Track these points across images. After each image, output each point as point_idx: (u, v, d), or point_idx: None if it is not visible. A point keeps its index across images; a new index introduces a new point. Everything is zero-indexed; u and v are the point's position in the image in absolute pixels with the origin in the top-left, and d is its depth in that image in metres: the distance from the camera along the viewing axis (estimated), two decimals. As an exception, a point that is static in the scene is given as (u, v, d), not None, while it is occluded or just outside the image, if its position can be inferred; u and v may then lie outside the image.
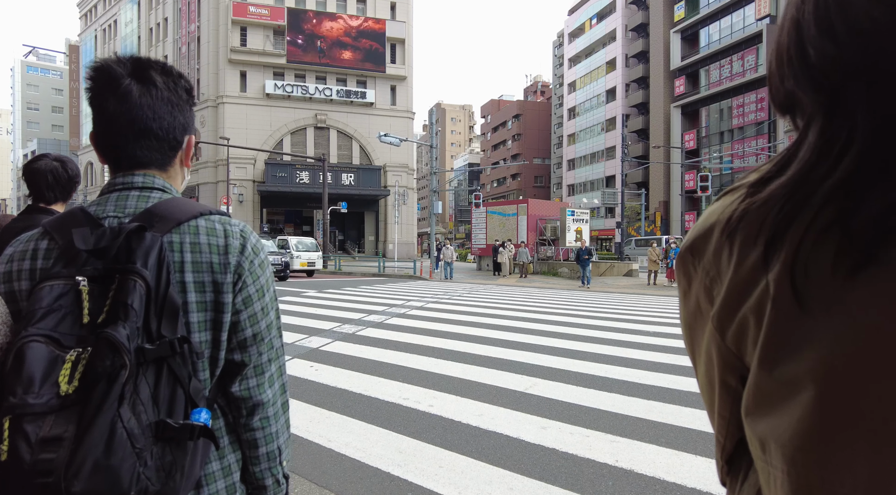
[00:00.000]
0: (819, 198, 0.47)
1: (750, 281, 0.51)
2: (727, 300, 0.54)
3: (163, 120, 0.96)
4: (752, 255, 0.51)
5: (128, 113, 0.93)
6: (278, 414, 1.01)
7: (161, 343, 0.81)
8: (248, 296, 0.95)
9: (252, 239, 0.99)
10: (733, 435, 0.61)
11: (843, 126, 0.48)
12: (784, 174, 0.51)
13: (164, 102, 0.96)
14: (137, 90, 0.94)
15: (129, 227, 0.85)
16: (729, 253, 0.54)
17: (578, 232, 25.00)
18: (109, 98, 0.93)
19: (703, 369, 0.62)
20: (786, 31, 0.52)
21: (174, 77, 1.00)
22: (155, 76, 0.96)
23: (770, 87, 0.57)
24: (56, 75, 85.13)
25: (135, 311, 0.79)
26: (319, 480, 3.22)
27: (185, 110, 1.01)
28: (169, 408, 0.81)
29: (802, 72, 0.50)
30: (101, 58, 0.97)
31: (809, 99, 0.51)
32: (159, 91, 0.96)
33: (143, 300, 0.80)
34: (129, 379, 0.76)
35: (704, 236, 0.57)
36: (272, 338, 1.00)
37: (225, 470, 0.97)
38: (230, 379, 0.96)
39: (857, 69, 0.46)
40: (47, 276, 0.85)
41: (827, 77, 0.49)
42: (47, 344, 0.77)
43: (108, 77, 0.93)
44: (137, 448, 0.75)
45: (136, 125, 0.94)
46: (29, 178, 1.88)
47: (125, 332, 0.76)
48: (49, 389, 0.74)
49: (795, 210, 0.49)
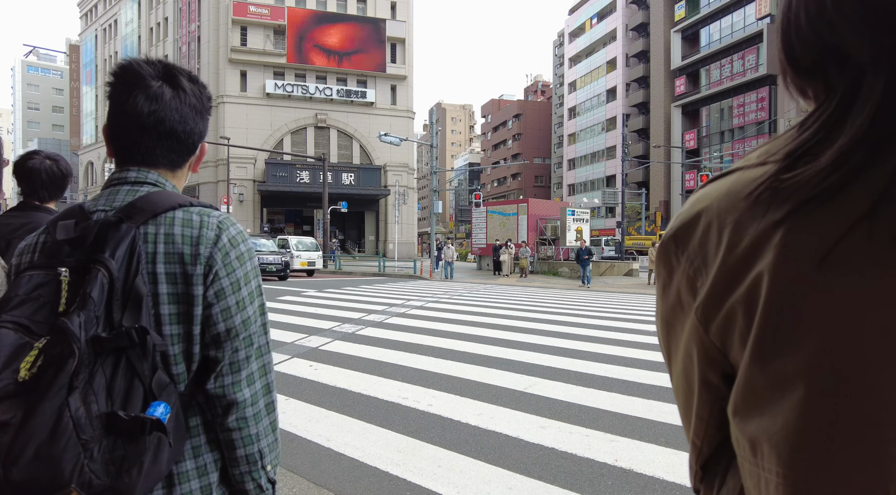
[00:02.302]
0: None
1: (740, 269, 0.48)
2: (713, 290, 0.51)
3: (187, 124, 1.00)
4: (747, 239, 0.48)
5: (158, 113, 0.95)
6: (259, 416, 0.96)
7: (118, 333, 0.79)
8: (220, 290, 0.92)
9: (231, 230, 0.96)
10: (712, 438, 0.57)
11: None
12: (826, 145, 0.46)
13: (191, 108, 1.00)
14: (170, 93, 0.97)
15: (107, 219, 0.87)
16: (717, 240, 0.50)
17: (579, 231, 24.99)
18: (139, 96, 0.94)
19: (679, 368, 0.59)
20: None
21: (200, 86, 1.04)
22: (184, 82, 1.00)
23: (792, 47, 0.51)
24: (56, 75, 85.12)
25: (93, 300, 0.78)
26: (318, 479, 3.21)
27: (206, 118, 1.05)
28: (124, 401, 0.79)
29: (867, 10, 0.45)
30: (128, 57, 1.00)
31: (868, 48, 0.45)
32: (188, 96, 0.99)
33: (103, 290, 0.80)
34: (83, 368, 0.75)
35: (689, 224, 0.54)
36: (251, 335, 0.95)
37: (200, 469, 0.93)
38: (206, 375, 0.93)
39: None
40: (28, 267, 0.87)
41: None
42: (16, 330, 0.78)
43: (138, 75, 0.95)
44: (83, 439, 0.73)
45: (164, 126, 0.97)
46: (23, 176, 1.86)
47: (78, 320, 0.76)
48: (9, 375, 0.74)
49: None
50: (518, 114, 72.71)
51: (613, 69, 54.53)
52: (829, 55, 0.49)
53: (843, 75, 0.48)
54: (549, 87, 79.20)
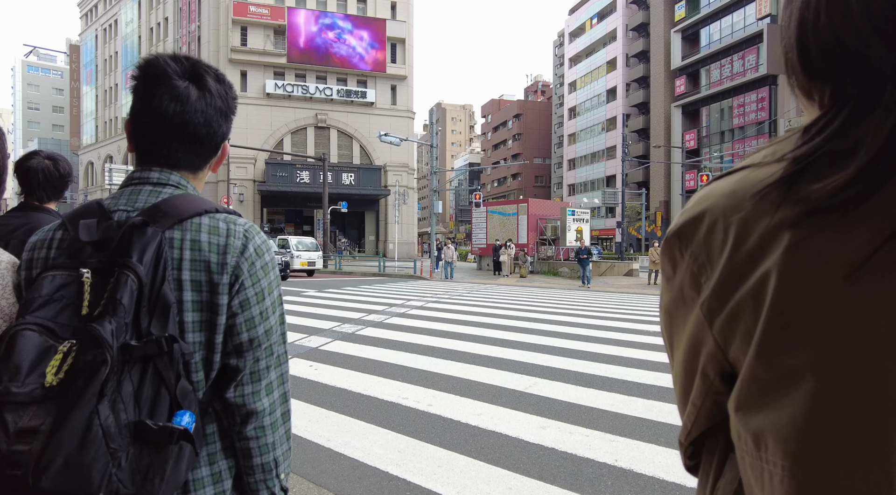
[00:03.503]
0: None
1: (747, 266, 0.49)
2: (719, 286, 0.52)
3: (211, 126, 0.97)
4: (754, 237, 0.49)
5: (183, 115, 0.93)
6: (276, 425, 0.96)
7: (147, 341, 0.78)
8: (245, 299, 0.91)
9: (256, 240, 0.94)
10: (700, 424, 0.60)
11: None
12: (838, 156, 0.46)
13: (216, 110, 0.97)
14: (195, 94, 0.94)
15: (132, 221, 0.85)
16: (723, 237, 0.51)
17: (579, 231, 24.99)
18: (164, 96, 0.92)
19: (681, 357, 0.60)
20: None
21: (226, 86, 1.00)
22: (210, 82, 0.96)
23: (806, 48, 0.50)
24: (57, 75, 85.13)
25: (123, 307, 0.77)
26: (318, 480, 3.21)
27: (230, 120, 1.02)
28: (151, 409, 0.78)
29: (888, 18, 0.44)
30: (156, 53, 0.97)
31: (894, 60, 0.44)
32: (214, 98, 0.96)
33: (133, 295, 0.79)
34: (112, 376, 0.74)
35: (694, 221, 0.55)
36: (272, 345, 0.95)
37: (215, 476, 0.93)
38: (226, 384, 0.92)
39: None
40: (50, 266, 0.85)
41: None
42: (41, 333, 0.76)
43: (164, 74, 0.92)
44: (112, 447, 0.72)
45: (188, 129, 0.94)
46: (22, 176, 1.86)
47: (110, 328, 0.75)
48: (35, 379, 0.73)
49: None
50: (518, 114, 72.70)
51: (613, 69, 54.52)
52: (846, 61, 0.47)
53: (858, 83, 0.47)
54: (549, 87, 79.21)
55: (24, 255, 0.93)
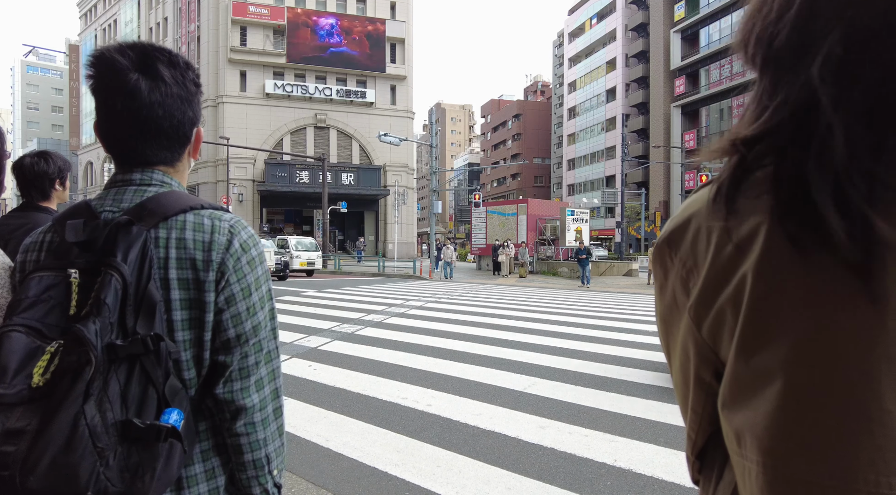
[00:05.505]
0: None
1: (727, 270, 0.51)
2: (704, 290, 0.53)
3: (173, 117, 0.93)
4: (733, 241, 0.50)
5: (137, 112, 0.89)
6: (267, 421, 0.95)
7: (133, 340, 0.78)
8: (231, 295, 0.90)
9: (242, 235, 0.94)
10: (705, 431, 0.60)
11: None
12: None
13: (174, 98, 0.92)
14: (146, 87, 0.89)
15: (117, 220, 0.84)
16: (706, 243, 0.53)
17: (578, 231, 25.00)
18: (115, 94, 0.89)
19: (678, 364, 0.61)
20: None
21: (181, 69, 0.95)
22: (162, 70, 0.91)
23: (773, 29, 0.51)
24: (56, 75, 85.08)
25: (107, 307, 0.77)
26: (317, 480, 3.21)
27: (194, 103, 0.97)
28: (139, 408, 0.78)
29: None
30: (103, 46, 0.92)
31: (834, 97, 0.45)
32: (168, 87, 0.91)
33: (117, 295, 0.78)
34: (98, 376, 0.74)
35: (681, 228, 0.57)
36: (261, 340, 0.94)
37: (208, 473, 0.93)
38: (215, 380, 0.92)
39: None
40: (38, 267, 0.85)
41: None
42: (28, 334, 0.76)
43: (113, 70, 0.89)
44: (99, 446, 0.72)
45: (146, 125, 0.91)
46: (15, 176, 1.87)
47: (94, 328, 0.75)
48: (22, 380, 0.73)
49: None
50: (518, 114, 72.71)
51: (613, 69, 54.53)
52: (796, 56, 0.49)
53: (795, 75, 0.49)
54: (548, 87, 79.20)
55: (18, 258, 0.93)
